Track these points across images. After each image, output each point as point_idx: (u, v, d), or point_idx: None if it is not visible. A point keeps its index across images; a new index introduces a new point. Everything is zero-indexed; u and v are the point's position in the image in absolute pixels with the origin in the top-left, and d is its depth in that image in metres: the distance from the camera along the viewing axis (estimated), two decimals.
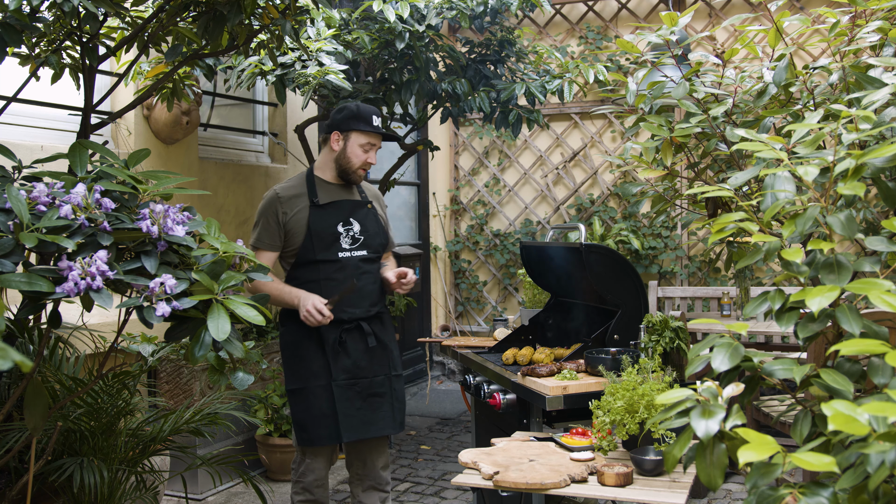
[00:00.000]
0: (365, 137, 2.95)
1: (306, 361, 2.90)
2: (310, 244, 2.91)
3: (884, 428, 0.95)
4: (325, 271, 2.91)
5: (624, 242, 5.89)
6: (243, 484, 4.08)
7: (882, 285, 1.12)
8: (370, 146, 2.97)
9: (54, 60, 2.48)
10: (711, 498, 3.95)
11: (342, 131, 2.96)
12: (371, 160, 2.98)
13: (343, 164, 2.97)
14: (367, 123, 2.94)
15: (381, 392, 2.95)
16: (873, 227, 2.40)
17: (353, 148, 2.95)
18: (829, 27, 1.82)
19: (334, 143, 2.97)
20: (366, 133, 2.95)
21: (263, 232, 2.93)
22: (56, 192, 1.65)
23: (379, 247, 3.04)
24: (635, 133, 5.86)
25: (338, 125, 2.96)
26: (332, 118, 2.99)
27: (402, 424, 3.03)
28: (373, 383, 2.93)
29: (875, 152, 1.22)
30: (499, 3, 4.00)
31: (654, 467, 2.12)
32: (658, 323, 2.62)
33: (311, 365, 2.90)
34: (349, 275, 2.92)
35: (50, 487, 2.37)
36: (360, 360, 2.92)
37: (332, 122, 2.98)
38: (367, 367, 2.93)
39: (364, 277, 2.96)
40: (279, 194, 2.96)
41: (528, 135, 6.51)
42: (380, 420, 2.94)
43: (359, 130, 2.94)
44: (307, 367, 2.90)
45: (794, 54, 5.53)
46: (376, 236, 3.03)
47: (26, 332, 2.35)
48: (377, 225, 3.06)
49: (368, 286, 2.97)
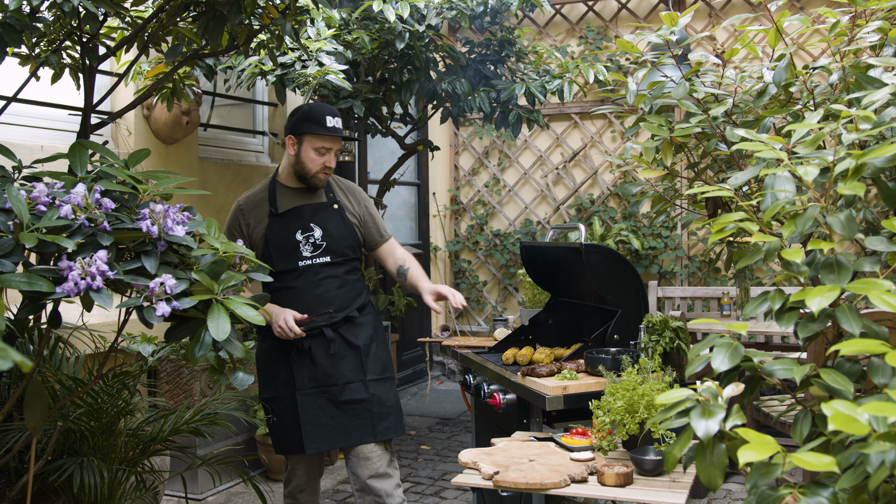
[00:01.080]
0: (319, 141, 2.77)
1: (275, 371, 2.86)
2: (268, 255, 2.82)
3: (884, 428, 0.95)
4: (283, 280, 2.81)
5: (624, 242, 5.89)
6: (243, 484, 4.08)
7: (882, 285, 1.12)
8: (326, 150, 2.79)
9: (54, 60, 2.48)
10: (711, 498, 3.95)
11: (296, 135, 2.80)
12: (329, 163, 2.81)
13: (300, 170, 2.83)
14: (321, 125, 2.76)
15: (358, 398, 2.81)
16: (873, 227, 2.40)
17: (308, 153, 2.79)
18: (829, 27, 1.83)
19: (289, 148, 2.83)
20: (320, 136, 2.77)
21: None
22: (56, 192, 1.65)
23: (347, 249, 2.90)
24: (635, 133, 5.86)
25: (291, 128, 2.81)
26: (288, 122, 2.85)
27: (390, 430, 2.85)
28: (346, 390, 2.81)
29: (875, 152, 1.22)
30: (499, 3, 4.00)
31: (654, 467, 2.12)
32: (658, 323, 2.62)
33: (279, 374, 2.85)
34: (308, 281, 2.82)
35: (50, 487, 2.37)
36: (327, 367, 2.81)
37: (288, 125, 2.84)
38: (337, 374, 2.82)
39: (325, 283, 2.84)
40: (241, 207, 2.89)
41: (528, 135, 6.51)
42: (358, 428, 2.80)
43: (312, 134, 2.77)
44: (276, 377, 2.85)
45: (794, 54, 5.53)
46: (342, 239, 2.89)
47: (26, 332, 2.35)
48: (343, 226, 2.90)
49: (331, 291, 2.85)
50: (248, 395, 4.03)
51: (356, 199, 3.00)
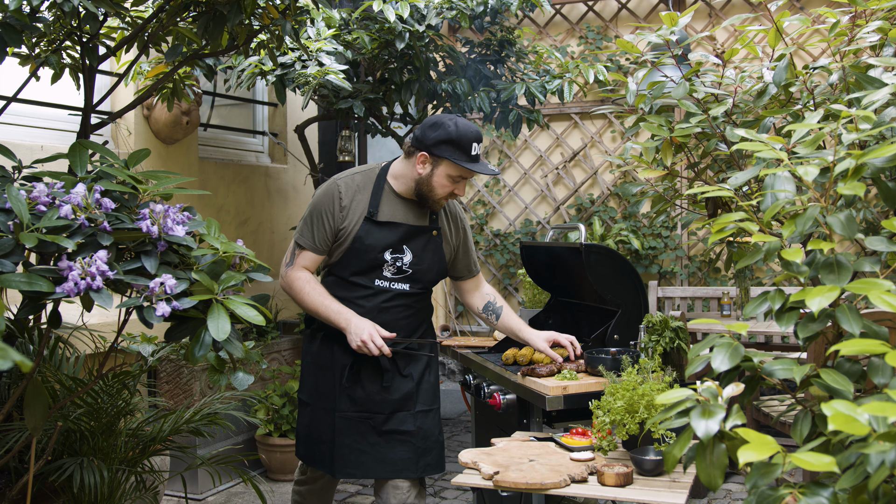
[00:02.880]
0: (458, 171, 2.47)
1: (319, 378, 2.63)
2: (346, 262, 2.54)
3: (884, 428, 0.95)
4: (350, 292, 2.56)
5: (624, 242, 5.89)
6: (243, 484, 4.08)
7: (882, 285, 1.12)
8: (461, 178, 2.50)
9: (54, 60, 2.48)
10: (711, 498, 3.95)
11: (433, 155, 2.47)
12: (459, 192, 2.52)
13: (424, 191, 2.52)
14: (466, 154, 2.45)
15: (405, 430, 2.57)
16: (873, 227, 2.40)
17: (441, 178, 2.48)
18: (829, 27, 1.83)
19: (419, 166, 2.49)
20: (457, 166, 2.46)
21: (309, 228, 2.53)
22: (56, 192, 1.65)
23: (430, 281, 2.64)
24: (635, 133, 5.86)
25: (429, 147, 2.46)
26: (424, 134, 2.48)
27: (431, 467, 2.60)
28: (392, 419, 2.57)
29: (875, 152, 1.22)
30: (499, 3, 4.00)
31: (654, 467, 2.12)
32: (658, 323, 2.62)
33: (320, 385, 2.62)
34: (376, 305, 2.55)
35: (50, 487, 2.37)
36: (375, 393, 2.57)
37: (424, 139, 2.48)
38: (384, 402, 2.57)
39: (395, 310, 2.58)
40: (340, 188, 2.52)
41: (528, 135, 6.51)
42: (399, 461, 2.56)
43: (453, 162, 2.45)
44: (318, 385, 2.63)
45: (794, 54, 5.53)
46: (429, 271, 2.62)
47: (26, 332, 2.35)
48: (436, 256, 2.62)
49: (399, 320, 2.59)
50: (249, 394, 4.03)
51: (456, 227, 2.71)
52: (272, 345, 4.45)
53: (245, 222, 5.00)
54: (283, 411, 4.17)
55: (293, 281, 2.58)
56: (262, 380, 4.36)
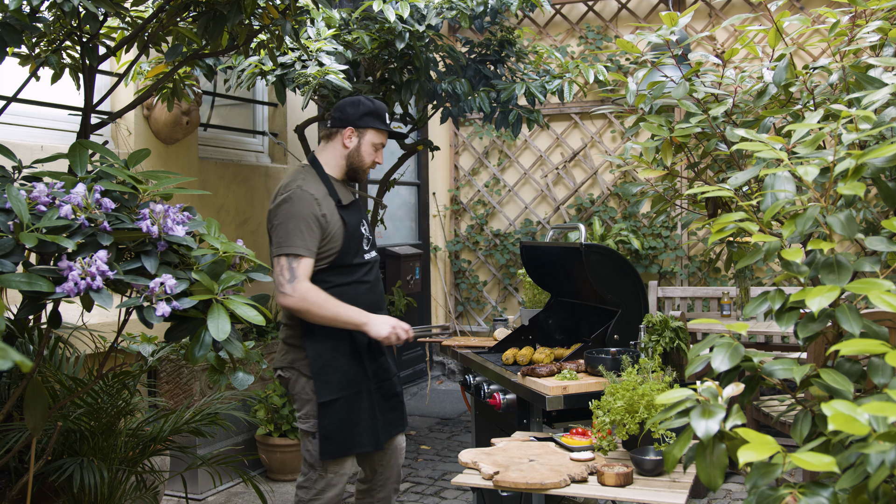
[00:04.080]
0: (379, 137, 2.81)
1: (340, 371, 2.72)
2: (347, 247, 2.73)
3: (884, 428, 0.95)
4: (357, 274, 2.77)
5: (624, 242, 5.89)
6: (243, 484, 4.08)
7: (882, 285, 1.12)
8: (381, 146, 2.84)
9: (54, 60, 2.48)
10: (711, 498, 3.95)
11: (357, 128, 2.78)
12: (379, 160, 2.86)
13: (355, 163, 2.81)
14: (383, 122, 2.81)
15: (398, 391, 2.90)
16: (873, 227, 2.40)
17: (367, 146, 2.80)
18: (829, 27, 1.83)
19: (347, 140, 2.79)
20: (380, 132, 2.81)
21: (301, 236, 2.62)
22: (56, 192, 1.65)
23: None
24: (635, 133, 5.86)
25: (354, 121, 2.78)
26: (346, 112, 2.80)
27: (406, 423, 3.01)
28: (392, 384, 2.87)
29: (875, 152, 1.22)
30: (499, 3, 4.00)
31: (654, 467, 2.12)
32: (658, 323, 2.62)
33: (347, 373, 2.72)
34: (374, 276, 2.84)
35: (50, 487, 2.37)
36: (384, 362, 2.84)
37: (346, 116, 2.79)
38: (389, 369, 2.86)
39: (378, 279, 2.88)
40: (315, 196, 2.69)
41: (528, 135, 6.51)
42: (398, 418, 2.89)
43: (375, 128, 2.80)
44: (342, 376, 2.71)
45: (794, 54, 5.53)
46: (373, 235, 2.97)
47: (26, 332, 2.35)
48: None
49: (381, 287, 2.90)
50: (249, 394, 4.03)
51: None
52: (272, 345, 4.45)
53: (245, 222, 5.00)
54: (283, 411, 4.17)
55: (307, 293, 2.59)
56: (262, 380, 4.36)
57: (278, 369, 2.79)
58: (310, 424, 2.69)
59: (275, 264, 2.62)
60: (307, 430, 2.70)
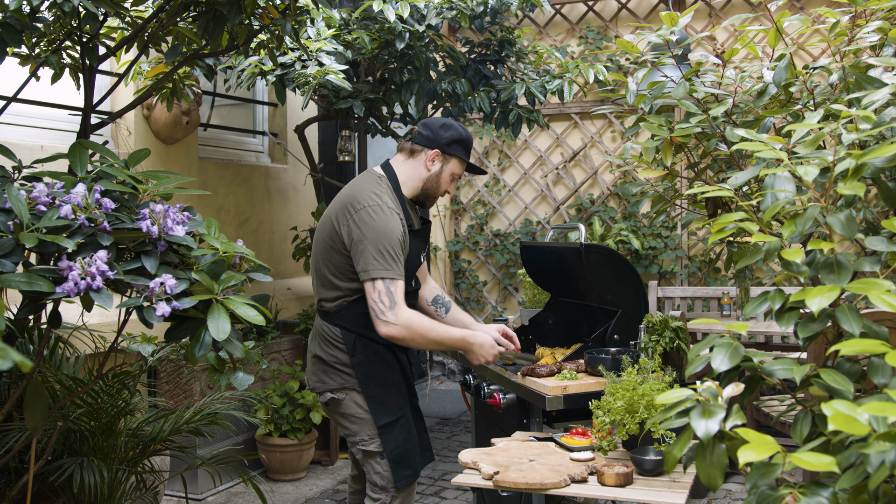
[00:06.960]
0: (460, 167, 2.66)
1: (392, 391, 2.62)
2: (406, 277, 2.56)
3: (884, 428, 0.95)
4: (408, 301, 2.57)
5: (624, 242, 5.89)
6: (243, 484, 4.08)
7: (882, 285, 1.12)
8: (458, 177, 2.69)
9: (54, 60, 2.48)
10: (711, 498, 3.95)
11: (444, 153, 2.61)
12: (451, 191, 2.72)
13: (430, 189, 2.64)
14: (468, 154, 2.67)
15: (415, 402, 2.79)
16: (873, 227, 2.40)
17: (447, 175, 2.64)
18: (829, 27, 1.83)
19: (430, 162, 2.61)
20: (462, 162, 2.66)
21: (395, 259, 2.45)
22: (56, 192, 1.65)
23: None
24: (635, 133, 5.86)
25: (443, 145, 2.60)
26: (436, 133, 2.61)
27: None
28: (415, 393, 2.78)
29: (875, 152, 1.22)
30: (499, 3, 4.00)
31: (654, 467, 2.12)
32: (658, 323, 2.62)
33: (399, 392, 2.63)
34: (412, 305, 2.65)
35: (50, 487, 2.37)
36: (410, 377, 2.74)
37: (436, 137, 2.61)
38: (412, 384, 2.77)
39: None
40: (398, 213, 2.52)
41: (528, 135, 6.51)
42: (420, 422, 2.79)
43: (460, 158, 2.64)
44: (396, 396, 2.62)
45: (794, 54, 5.53)
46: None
47: (26, 332, 2.35)
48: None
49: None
50: (249, 394, 4.03)
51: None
52: (272, 345, 4.45)
53: (245, 222, 5.00)
54: (283, 411, 4.17)
55: (411, 320, 2.43)
56: (262, 380, 4.36)
57: (327, 392, 2.59)
58: (375, 444, 2.56)
59: (369, 289, 2.41)
60: (373, 451, 2.56)
